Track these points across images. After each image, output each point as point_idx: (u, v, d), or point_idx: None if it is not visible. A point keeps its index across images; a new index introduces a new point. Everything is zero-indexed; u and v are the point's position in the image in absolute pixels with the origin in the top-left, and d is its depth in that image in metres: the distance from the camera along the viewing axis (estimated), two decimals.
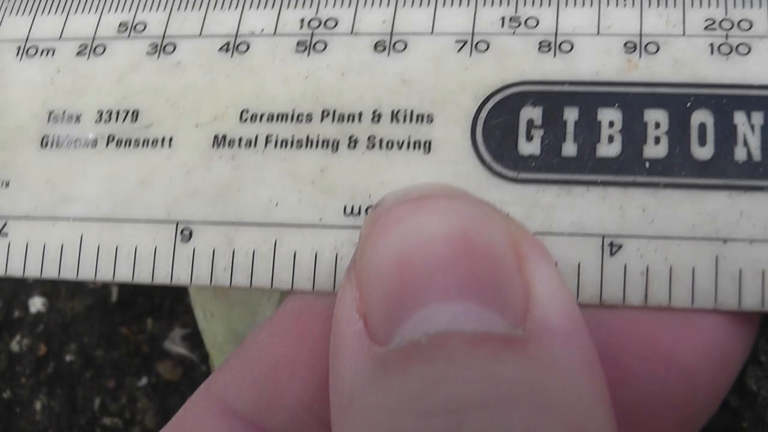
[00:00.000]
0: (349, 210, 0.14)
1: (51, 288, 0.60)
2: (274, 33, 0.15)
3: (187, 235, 0.15)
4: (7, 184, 0.16)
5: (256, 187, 0.15)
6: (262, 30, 0.15)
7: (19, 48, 0.16)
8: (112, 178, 0.16)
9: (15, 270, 0.16)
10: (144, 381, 0.57)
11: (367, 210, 0.14)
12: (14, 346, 0.59)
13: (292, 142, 0.15)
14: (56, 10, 0.16)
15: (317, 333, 0.13)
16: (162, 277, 0.16)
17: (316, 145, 0.15)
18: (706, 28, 0.14)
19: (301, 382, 0.14)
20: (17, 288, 0.60)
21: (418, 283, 0.11)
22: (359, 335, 0.12)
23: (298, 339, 0.14)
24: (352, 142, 0.15)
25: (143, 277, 0.16)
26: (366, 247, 0.12)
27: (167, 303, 0.58)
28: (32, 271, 0.16)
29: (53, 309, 0.59)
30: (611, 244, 0.13)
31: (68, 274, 0.16)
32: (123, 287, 0.59)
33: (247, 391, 0.14)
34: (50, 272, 0.16)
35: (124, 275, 0.16)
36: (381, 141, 0.14)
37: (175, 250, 0.15)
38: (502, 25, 0.14)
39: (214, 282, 0.15)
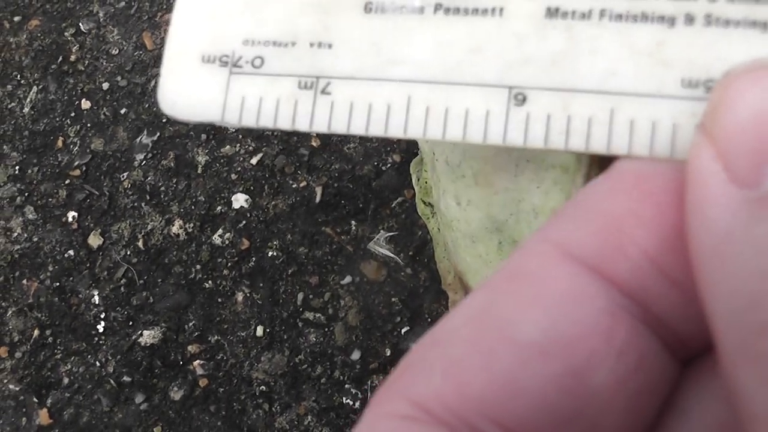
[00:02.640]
0: (687, 82, 0.14)
1: (254, 186, 0.60)
2: None
3: (521, 100, 0.15)
4: (330, 46, 0.17)
5: (591, 57, 0.15)
6: None
7: None
8: (440, 43, 0.16)
9: (338, 127, 0.16)
10: (348, 279, 0.57)
11: (705, 83, 0.14)
12: (216, 239, 0.59)
13: (627, 16, 0.15)
14: None
15: (661, 190, 0.14)
16: (494, 139, 0.15)
17: (652, 20, 0.15)
18: None
19: (645, 234, 0.13)
20: (219, 184, 0.60)
21: None
22: (724, 183, 0.12)
23: (641, 194, 0.14)
24: (689, 19, 0.15)
25: (474, 137, 0.15)
26: (720, 109, 0.13)
27: (371, 206, 0.59)
28: (357, 129, 0.16)
29: (256, 206, 0.59)
30: None
31: (395, 132, 0.16)
32: (326, 189, 0.59)
33: (589, 239, 0.14)
34: (376, 130, 0.16)
35: (454, 135, 0.16)
36: (718, 19, 0.15)
37: (508, 113, 0.15)
38: None
39: (548, 145, 0.15)
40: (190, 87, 0.18)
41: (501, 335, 0.14)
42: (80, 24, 0.67)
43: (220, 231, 0.60)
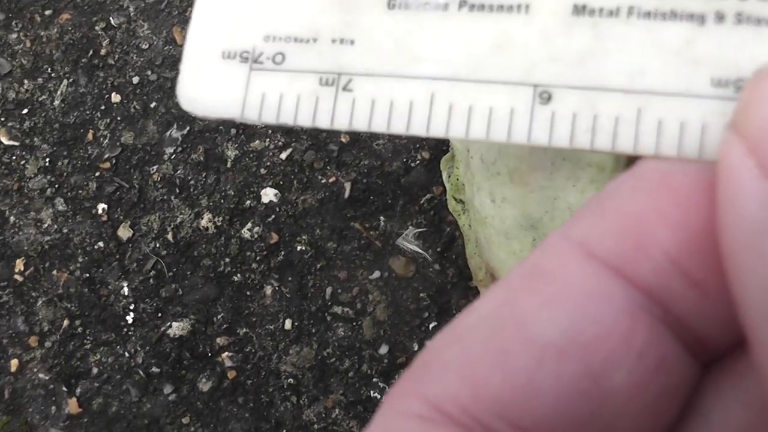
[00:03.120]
0: (716, 81, 0.14)
1: (283, 180, 0.60)
2: None
3: (546, 98, 0.15)
4: (352, 42, 0.16)
5: (619, 55, 0.15)
6: None
7: None
8: (464, 40, 0.16)
9: (360, 124, 0.16)
10: (376, 274, 0.57)
11: (735, 82, 0.14)
12: (245, 233, 0.59)
13: (656, 13, 0.15)
14: None
15: (686, 190, 0.13)
16: (518, 137, 0.15)
17: (681, 18, 0.15)
18: None
19: (669, 235, 0.13)
20: (249, 179, 0.60)
21: None
22: (756, 178, 0.12)
23: (665, 194, 0.13)
24: (719, 17, 0.14)
25: (498, 136, 0.15)
26: (751, 106, 0.13)
27: (400, 202, 0.59)
28: (378, 126, 0.16)
29: (285, 201, 0.60)
30: None
31: (417, 130, 0.16)
32: (355, 184, 0.60)
33: (611, 238, 0.13)
34: (398, 128, 0.16)
35: (477, 134, 0.15)
36: (749, 17, 0.14)
37: (533, 111, 0.15)
38: None
39: (573, 144, 0.15)
40: (210, 83, 0.17)
41: (518, 334, 0.13)
42: (111, 18, 0.67)
43: (249, 225, 0.60)
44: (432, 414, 0.13)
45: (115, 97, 0.64)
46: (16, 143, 0.64)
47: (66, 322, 0.59)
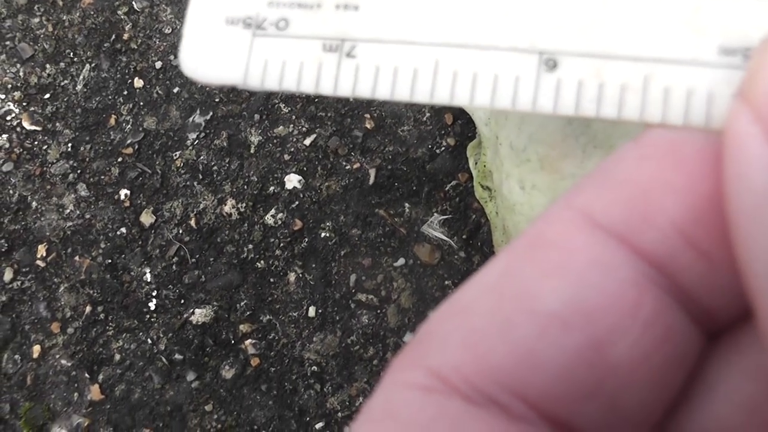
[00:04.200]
0: (724, 50, 0.14)
1: (307, 166, 0.60)
2: None
3: (551, 65, 0.15)
4: (357, 8, 0.16)
5: (626, 23, 0.15)
6: None
7: None
8: (470, 6, 0.15)
9: (363, 91, 0.16)
10: (401, 262, 0.57)
11: (743, 51, 0.14)
12: (268, 219, 0.59)
13: None
14: None
15: (692, 159, 0.13)
16: (523, 105, 0.15)
17: None
18: None
19: (675, 204, 0.13)
20: (272, 164, 0.60)
21: None
22: (762, 145, 0.12)
23: (671, 163, 0.13)
24: None
25: (503, 103, 0.15)
26: (758, 74, 0.13)
27: (425, 189, 0.58)
28: (382, 93, 0.16)
29: (309, 187, 0.59)
30: None
31: (421, 97, 0.15)
32: (379, 171, 0.59)
33: (616, 207, 0.13)
34: (401, 95, 0.15)
35: (481, 101, 0.15)
36: None
37: (538, 79, 0.15)
38: None
39: (579, 112, 0.14)
40: (212, 49, 0.17)
41: (520, 305, 0.13)
42: (133, 2, 0.67)
43: (273, 211, 0.59)
44: (434, 384, 0.13)
45: (138, 82, 0.64)
46: (38, 128, 0.63)
47: (88, 309, 0.58)
